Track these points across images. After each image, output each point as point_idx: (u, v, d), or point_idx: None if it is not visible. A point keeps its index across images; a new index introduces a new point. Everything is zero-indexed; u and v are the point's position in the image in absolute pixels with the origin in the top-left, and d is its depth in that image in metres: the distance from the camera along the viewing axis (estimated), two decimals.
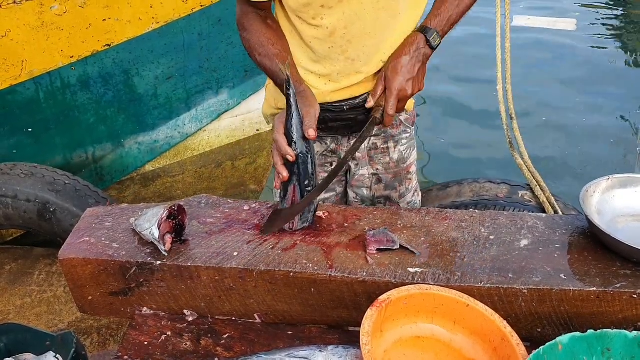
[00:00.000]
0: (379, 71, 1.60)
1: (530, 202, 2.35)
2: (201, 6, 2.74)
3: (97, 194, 2.69)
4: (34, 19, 2.46)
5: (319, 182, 1.48)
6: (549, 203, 2.31)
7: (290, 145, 1.35)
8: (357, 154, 1.76)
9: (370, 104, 1.52)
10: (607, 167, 3.98)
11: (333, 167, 1.81)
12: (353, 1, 1.48)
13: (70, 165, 2.92)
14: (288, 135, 1.36)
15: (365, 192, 1.83)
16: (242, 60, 3.01)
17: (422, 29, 1.51)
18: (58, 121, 2.78)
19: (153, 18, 2.65)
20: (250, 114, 3.26)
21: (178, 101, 3.00)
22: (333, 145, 1.76)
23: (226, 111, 3.19)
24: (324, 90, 1.62)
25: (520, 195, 2.38)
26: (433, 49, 1.50)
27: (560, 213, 2.27)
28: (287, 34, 1.59)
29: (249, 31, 1.55)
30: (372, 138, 1.76)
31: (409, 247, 1.31)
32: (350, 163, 1.79)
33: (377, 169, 1.80)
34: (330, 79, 1.61)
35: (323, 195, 1.84)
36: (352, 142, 1.75)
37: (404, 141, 1.80)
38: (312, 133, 1.35)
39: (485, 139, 4.34)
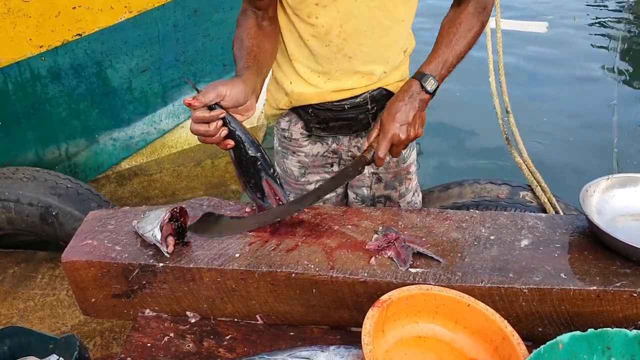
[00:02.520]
0: (379, 73, 1.61)
1: (532, 202, 2.36)
2: None
3: (99, 197, 2.70)
4: (0, 5, 2.35)
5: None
6: (550, 204, 2.31)
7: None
8: (357, 153, 1.77)
9: (364, 146, 1.50)
10: (586, 166, 4.01)
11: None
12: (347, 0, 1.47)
13: (43, 162, 2.83)
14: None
15: (365, 191, 1.84)
16: (220, 53, 2.92)
17: (418, 75, 1.50)
18: (28, 114, 2.68)
19: (126, 7, 2.56)
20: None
21: (154, 95, 2.90)
22: (334, 145, 1.77)
23: None
24: (325, 90, 1.62)
25: (521, 196, 2.38)
26: (430, 94, 1.49)
27: (562, 214, 2.27)
28: (286, 32, 1.59)
29: (239, 27, 1.55)
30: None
31: (433, 256, 1.30)
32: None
33: (377, 169, 1.80)
34: (330, 77, 1.61)
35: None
36: (353, 142, 1.76)
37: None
38: (186, 100, 1.29)
39: (484, 137, 4.35)
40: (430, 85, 1.48)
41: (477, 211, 1.47)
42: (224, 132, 1.35)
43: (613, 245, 1.26)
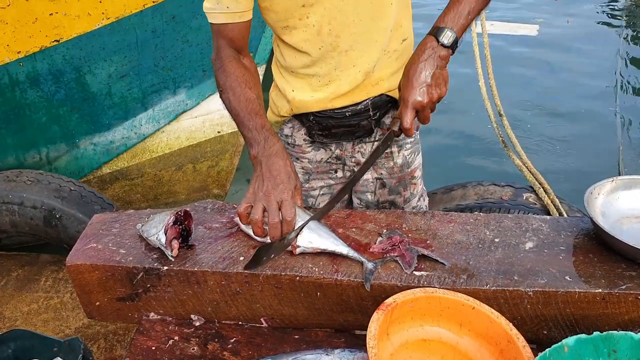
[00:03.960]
0: (375, 58, 1.57)
1: (535, 204, 2.35)
2: (153, 2, 2.65)
3: (103, 200, 2.70)
4: None
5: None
6: (554, 205, 2.31)
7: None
8: (361, 159, 1.76)
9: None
10: (585, 168, 4.00)
11: (340, 180, 1.81)
12: None
13: (24, 166, 2.86)
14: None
15: (369, 197, 1.83)
16: (200, 59, 2.93)
17: (433, 30, 1.42)
18: (8, 120, 2.71)
19: (103, 13, 2.57)
20: (210, 115, 3.15)
21: (133, 101, 2.91)
22: (338, 152, 1.76)
23: (184, 111, 3.09)
24: (325, 97, 1.61)
25: (524, 198, 2.38)
26: (447, 47, 1.39)
27: (565, 215, 2.27)
28: (282, 44, 1.59)
29: (229, 76, 1.51)
30: (376, 142, 1.76)
31: (438, 259, 1.29)
32: (354, 168, 1.78)
33: (381, 174, 1.79)
34: (330, 79, 1.59)
35: None
36: (357, 148, 1.74)
37: (408, 146, 1.78)
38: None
39: (485, 138, 4.35)
40: (447, 38, 1.39)
41: (481, 214, 1.47)
42: None
43: (618, 247, 1.26)
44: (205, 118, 3.16)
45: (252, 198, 1.34)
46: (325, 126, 1.68)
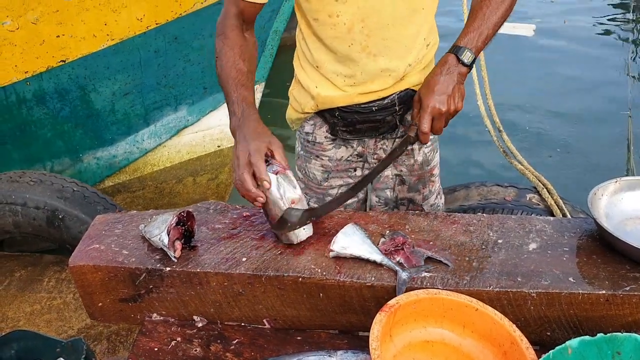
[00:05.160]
0: (404, 66, 1.60)
1: (538, 205, 2.35)
2: (156, 24, 2.74)
3: (106, 201, 2.70)
4: None
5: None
6: (557, 206, 2.30)
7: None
8: (383, 155, 1.75)
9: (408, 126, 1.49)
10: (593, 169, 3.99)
11: (359, 178, 1.80)
12: None
13: None
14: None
15: (388, 193, 1.83)
16: (201, 77, 3.03)
17: (453, 49, 1.48)
18: (14, 136, 2.82)
19: (108, 35, 2.68)
20: (210, 130, 3.25)
21: (136, 117, 3.01)
22: (360, 149, 1.76)
23: (185, 127, 3.19)
24: (352, 93, 1.62)
25: (527, 199, 2.37)
26: (467, 66, 1.46)
27: (569, 216, 2.26)
28: (310, 38, 1.59)
29: (228, 40, 1.53)
30: (397, 140, 1.76)
31: (442, 259, 1.29)
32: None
33: (401, 170, 1.79)
34: (355, 81, 1.60)
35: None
36: (379, 144, 1.75)
37: (428, 143, 1.78)
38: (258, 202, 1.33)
39: (486, 140, 4.33)
40: (467, 57, 1.46)
41: (484, 214, 1.47)
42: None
43: (622, 248, 1.25)
44: (206, 133, 3.25)
45: (234, 166, 1.38)
46: (350, 122, 1.68)
